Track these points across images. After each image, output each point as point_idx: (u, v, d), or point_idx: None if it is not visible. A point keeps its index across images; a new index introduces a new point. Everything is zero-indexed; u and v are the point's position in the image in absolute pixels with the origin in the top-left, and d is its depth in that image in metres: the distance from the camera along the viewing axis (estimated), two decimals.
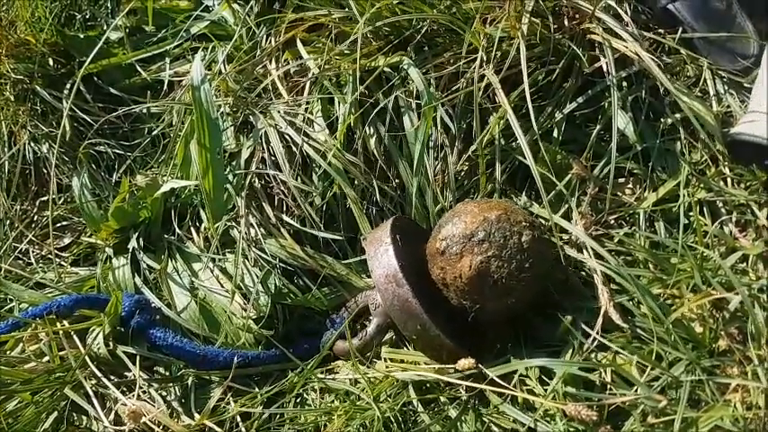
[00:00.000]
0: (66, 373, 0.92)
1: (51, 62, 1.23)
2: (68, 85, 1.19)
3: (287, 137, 1.01)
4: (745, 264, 0.82)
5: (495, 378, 0.80)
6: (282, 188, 1.01)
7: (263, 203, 1.01)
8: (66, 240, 1.17)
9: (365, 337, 0.90)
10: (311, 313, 0.99)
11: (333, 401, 0.88)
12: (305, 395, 0.91)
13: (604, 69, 0.91)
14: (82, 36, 1.22)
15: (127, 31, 1.21)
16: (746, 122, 0.85)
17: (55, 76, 1.22)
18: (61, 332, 0.96)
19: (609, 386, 0.77)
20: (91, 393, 0.91)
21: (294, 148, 1.00)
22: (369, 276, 0.95)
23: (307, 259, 0.97)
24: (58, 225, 1.18)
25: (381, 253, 0.86)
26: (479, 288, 0.81)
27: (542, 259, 0.82)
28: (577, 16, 0.94)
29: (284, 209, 1.02)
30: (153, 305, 0.99)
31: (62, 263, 1.12)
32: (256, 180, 1.02)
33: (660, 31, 0.96)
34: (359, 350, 0.89)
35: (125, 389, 0.93)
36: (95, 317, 0.99)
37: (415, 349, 0.88)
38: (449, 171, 0.95)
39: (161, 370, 0.97)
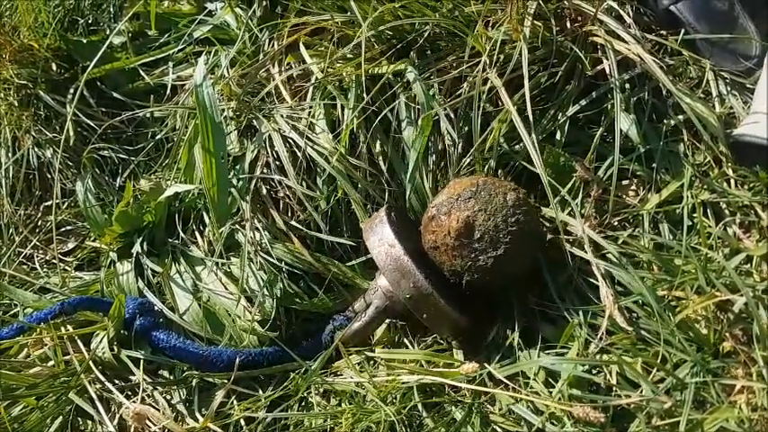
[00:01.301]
0: (71, 377, 0.92)
1: (54, 67, 1.23)
2: (72, 90, 1.19)
3: (290, 141, 1.01)
4: (749, 265, 0.82)
5: (502, 378, 0.80)
6: (287, 192, 1.01)
7: (269, 207, 1.01)
8: (71, 245, 1.17)
9: (364, 317, 0.92)
10: (315, 316, 0.99)
11: (338, 404, 0.88)
12: (309, 398, 0.91)
13: (607, 72, 0.91)
14: (85, 41, 1.22)
15: (129, 35, 1.22)
16: (749, 124, 0.85)
17: (58, 80, 1.22)
18: (65, 337, 0.97)
19: (614, 388, 0.77)
20: (95, 398, 0.91)
21: (298, 152, 1.00)
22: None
23: (314, 263, 0.97)
24: (62, 230, 1.18)
25: (376, 224, 0.90)
26: (467, 242, 0.83)
27: (528, 218, 0.85)
28: (579, 18, 0.94)
29: (289, 213, 1.02)
30: (156, 308, 0.99)
31: (66, 267, 1.13)
32: (261, 184, 1.02)
33: (662, 32, 0.97)
34: (359, 333, 0.92)
35: (129, 393, 0.94)
36: (99, 321, 0.99)
37: (413, 313, 0.89)
38: (449, 176, 0.95)
39: (165, 373, 0.97)
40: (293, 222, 1.01)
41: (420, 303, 0.86)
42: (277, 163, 1.02)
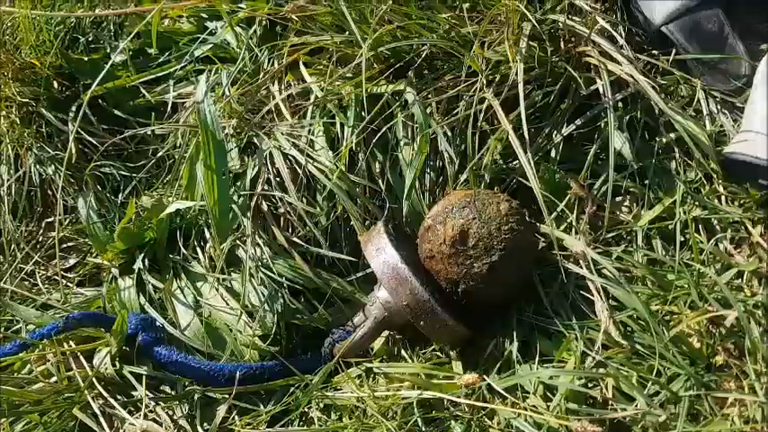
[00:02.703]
0: (74, 393, 0.93)
1: (56, 85, 1.24)
2: (74, 108, 1.20)
3: (291, 158, 1.03)
4: (740, 280, 0.84)
5: (501, 391, 0.82)
6: (288, 208, 1.03)
7: (269, 224, 1.03)
8: (72, 261, 1.18)
9: (363, 329, 0.93)
10: (316, 332, 1.01)
11: (339, 419, 0.90)
12: (309, 412, 0.92)
13: (601, 92, 0.93)
14: (86, 59, 1.24)
15: (130, 53, 1.23)
16: (739, 141, 0.87)
17: (60, 98, 1.23)
18: (68, 353, 0.98)
19: (610, 401, 0.79)
20: (98, 413, 0.92)
21: (298, 169, 1.02)
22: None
23: (314, 278, 0.99)
24: (64, 246, 1.19)
25: (374, 235, 0.92)
26: (462, 250, 0.86)
27: (521, 226, 0.87)
28: (573, 39, 0.96)
29: (290, 229, 1.03)
30: (158, 324, 1.00)
31: (68, 284, 1.14)
32: (262, 201, 1.03)
33: (654, 52, 0.99)
34: (359, 345, 0.93)
35: (132, 408, 0.95)
36: (102, 337, 1.00)
37: (412, 324, 0.90)
38: (446, 193, 0.97)
39: (167, 389, 0.98)
40: (294, 238, 1.02)
41: (417, 311, 0.87)
42: (277, 179, 1.04)
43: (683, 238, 0.87)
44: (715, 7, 0.96)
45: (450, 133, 0.98)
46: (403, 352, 0.96)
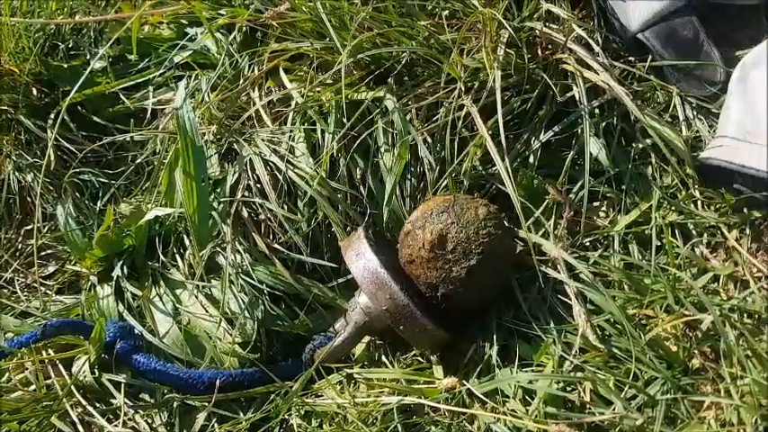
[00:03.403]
0: (53, 401, 0.93)
1: (35, 92, 1.24)
2: (53, 115, 1.20)
3: (271, 164, 1.03)
4: (716, 284, 0.85)
5: (480, 396, 0.82)
6: (268, 215, 1.03)
7: (250, 230, 1.03)
8: (51, 269, 1.17)
9: (344, 334, 0.93)
10: (297, 338, 1.01)
11: (319, 425, 0.90)
12: (290, 419, 0.92)
13: (577, 99, 0.94)
14: (65, 66, 1.23)
15: (110, 60, 1.23)
16: (715, 147, 0.88)
17: (39, 105, 1.23)
18: (47, 361, 0.97)
19: (588, 405, 0.79)
20: (77, 421, 0.92)
21: (279, 176, 1.02)
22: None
23: (295, 285, 0.99)
24: (43, 253, 1.18)
25: (354, 240, 0.93)
26: (441, 254, 0.86)
27: (499, 230, 0.88)
28: (550, 47, 0.97)
29: (270, 235, 1.03)
30: (136, 331, 0.99)
31: (47, 291, 1.13)
32: (242, 207, 1.03)
33: (631, 59, 1.00)
34: (339, 350, 0.94)
35: (111, 416, 0.94)
36: (80, 345, 0.99)
37: (392, 329, 0.90)
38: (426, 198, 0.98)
39: (146, 397, 0.98)
40: (274, 245, 1.02)
41: (397, 315, 0.88)
42: (258, 186, 1.03)
43: (659, 243, 0.88)
44: (690, 14, 0.98)
45: (430, 140, 0.99)
46: (384, 357, 0.96)
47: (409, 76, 1.02)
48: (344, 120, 0.99)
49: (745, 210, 0.87)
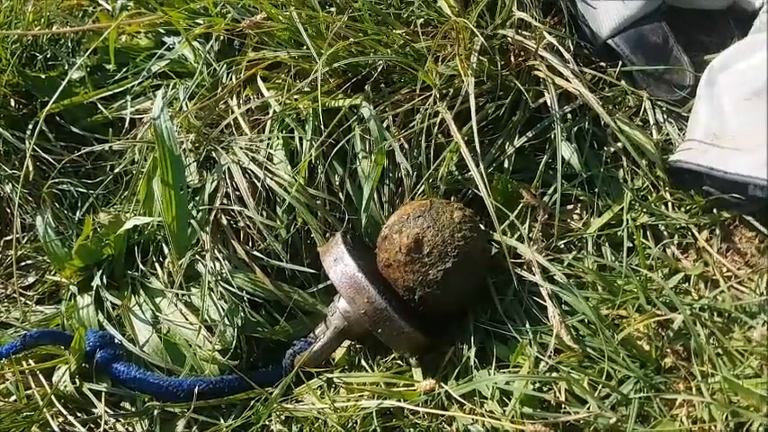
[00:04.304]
0: (34, 411, 0.93)
1: (13, 103, 1.24)
2: (30, 125, 1.19)
3: (250, 172, 1.03)
4: (687, 284, 0.87)
5: (457, 398, 0.83)
6: (248, 222, 1.03)
7: (229, 238, 1.03)
8: (31, 279, 1.17)
9: (323, 339, 0.94)
10: (278, 344, 1.01)
11: (300, 430, 0.90)
12: (270, 425, 0.92)
13: (548, 104, 0.96)
14: (43, 76, 1.23)
15: (88, 70, 1.23)
16: (684, 150, 0.90)
17: (17, 116, 1.23)
18: (27, 371, 0.97)
19: (563, 405, 0.81)
20: (58, 431, 0.92)
21: (257, 183, 1.02)
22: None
23: (275, 291, 0.99)
24: (23, 264, 1.18)
25: (331, 246, 0.94)
26: (418, 257, 0.88)
27: (474, 233, 0.89)
28: (523, 54, 0.98)
29: (250, 243, 1.04)
30: (116, 340, 1.00)
31: (27, 302, 1.12)
32: (221, 215, 1.04)
33: (602, 64, 1.02)
34: (319, 355, 0.94)
35: (92, 425, 0.94)
36: (61, 355, 0.99)
37: (371, 332, 0.91)
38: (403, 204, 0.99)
39: (127, 405, 0.98)
40: (254, 252, 1.03)
41: (375, 318, 0.89)
42: (237, 194, 1.04)
43: (631, 245, 0.90)
44: (660, 20, 1.00)
45: (407, 146, 1.00)
46: (363, 362, 0.97)
47: (386, 84, 1.03)
48: (322, 127, 1.00)
49: (714, 211, 0.89)
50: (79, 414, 0.95)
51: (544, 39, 0.96)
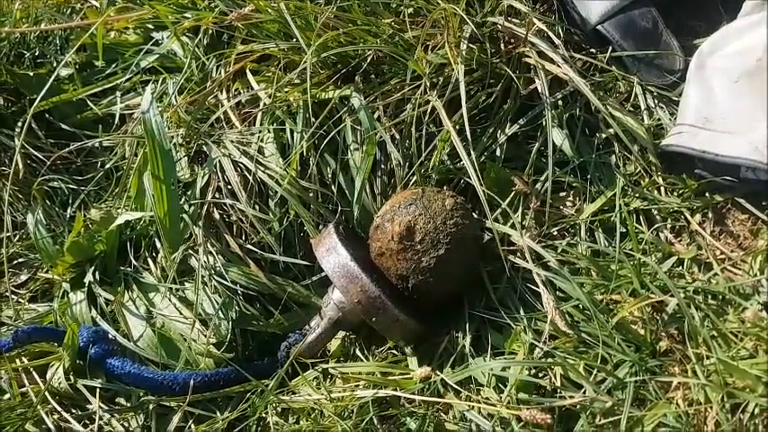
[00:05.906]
0: (28, 408, 0.92)
1: (2, 101, 1.23)
2: (20, 123, 1.19)
3: (241, 165, 1.03)
4: (680, 267, 0.87)
5: (453, 385, 0.83)
6: (240, 216, 1.03)
7: (222, 232, 1.03)
8: (23, 277, 1.16)
9: (318, 330, 0.94)
10: (273, 337, 1.01)
11: (296, 422, 0.90)
12: (267, 417, 0.92)
13: (539, 91, 0.96)
14: (32, 74, 1.23)
15: (77, 66, 1.22)
16: (675, 134, 0.90)
17: (5, 114, 1.22)
18: (21, 369, 0.96)
19: (559, 390, 0.81)
20: (53, 428, 0.91)
21: (249, 176, 1.02)
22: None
23: (269, 284, 0.99)
24: (14, 262, 1.17)
25: (324, 236, 0.94)
26: (410, 245, 0.88)
27: (466, 221, 0.90)
28: (513, 41, 0.98)
29: (243, 236, 1.04)
30: (110, 336, 0.99)
31: (20, 300, 1.12)
32: (213, 209, 1.04)
33: (592, 50, 1.02)
34: (314, 345, 0.94)
35: (87, 421, 0.94)
36: (55, 352, 0.99)
37: (365, 322, 0.91)
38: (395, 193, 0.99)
39: (122, 400, 0.97)
40: (247, 245, 1.02)
41: (369, 307, 0.88)
42: (228, 187, 1.04)
43: (624, 230, 0.89)
44: (649, 5, 0.99)
45: (398, 136, 1.00)
46: (359, 352, 0.97)
47: (375, 74, 1.03)
48: (313, 119, 1.00)
49: (707, 194, 0.89)
50: (74, 410, 0.94)
51: (534, 25, 0.96)
